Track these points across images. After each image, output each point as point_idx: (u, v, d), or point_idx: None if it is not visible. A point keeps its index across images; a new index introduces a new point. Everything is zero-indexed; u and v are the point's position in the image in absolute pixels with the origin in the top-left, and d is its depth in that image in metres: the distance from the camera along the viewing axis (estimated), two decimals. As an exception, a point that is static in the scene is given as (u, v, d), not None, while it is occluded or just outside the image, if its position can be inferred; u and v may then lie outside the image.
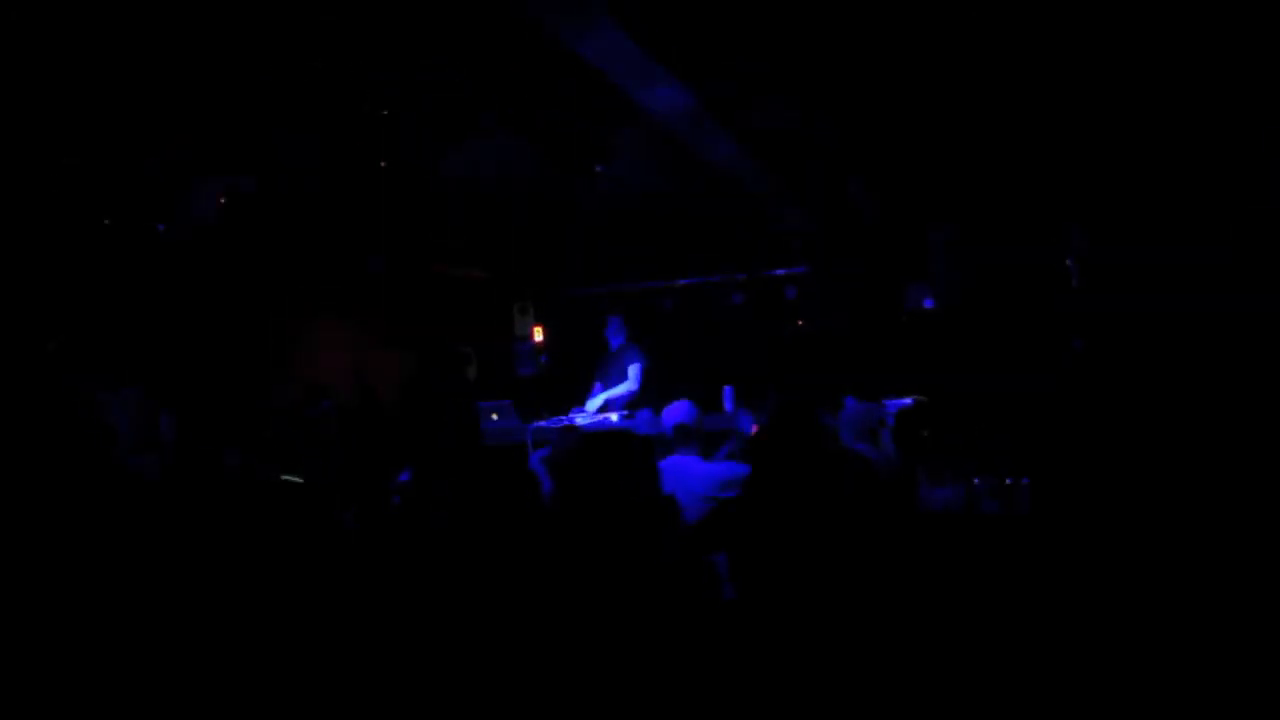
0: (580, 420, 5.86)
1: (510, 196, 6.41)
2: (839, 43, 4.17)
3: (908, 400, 6.23)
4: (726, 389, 6.14)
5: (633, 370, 6.30)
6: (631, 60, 3.94)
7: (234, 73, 4.08)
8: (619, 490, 2.54)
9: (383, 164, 4.77)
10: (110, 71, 3.88)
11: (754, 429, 5.00)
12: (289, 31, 3.79)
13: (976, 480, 4.51)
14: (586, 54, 3.87)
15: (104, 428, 5.25)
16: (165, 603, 2.69)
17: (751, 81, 4.49)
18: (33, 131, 4.23)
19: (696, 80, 4.27)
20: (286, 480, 3.54)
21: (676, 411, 4.24)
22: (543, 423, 6.00)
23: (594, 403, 6.25)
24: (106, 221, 5.30)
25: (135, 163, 4.94)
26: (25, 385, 4.81)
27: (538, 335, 9.14)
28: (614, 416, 6.02)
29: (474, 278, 8.71)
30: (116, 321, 5.87)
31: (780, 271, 8.31)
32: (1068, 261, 5.88)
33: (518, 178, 5.64)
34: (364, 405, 7.51)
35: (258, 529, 3.06)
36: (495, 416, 6.31)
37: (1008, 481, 4.31)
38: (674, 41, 3.99)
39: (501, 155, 5.03)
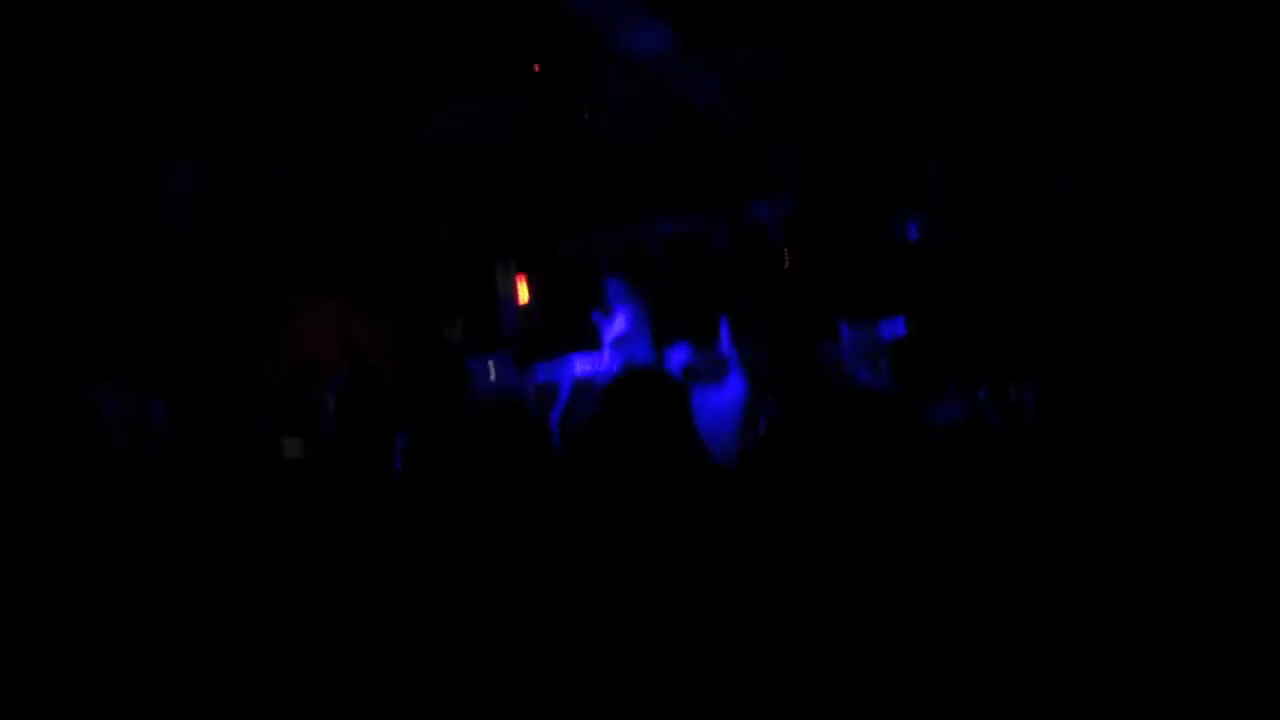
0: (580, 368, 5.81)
1: (492, 153, 6.32)
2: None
3: (900, 322, 6.28)
4: (723, 322, 6.13)
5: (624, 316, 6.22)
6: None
7: (199, 38, 3.97)
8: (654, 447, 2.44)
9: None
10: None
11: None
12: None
13: (981, 394, 4.56)
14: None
15: (95, 421, 5.17)
16: (167, 596, 2.64)
17: (735, 20, 4.43)
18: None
19: (679, 20, 4.21)
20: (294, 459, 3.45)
21: (680, 352, 4.24)
22: (543, 375, 5.97)
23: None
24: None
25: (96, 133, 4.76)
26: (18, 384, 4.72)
27: (523, 294, 9.08)
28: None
29: (457, 238, 8.61)
30: (92, 304, 5.72)
31: (765, 212, 8.28)
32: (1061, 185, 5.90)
33: (499, 132, 5.56)
34: (360, 383, 7.44)
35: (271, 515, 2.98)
36: (492, 370, 6.29)
37: (1012, 395, 4.37)
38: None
39: (482, 109, 4.95)
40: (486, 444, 4.26)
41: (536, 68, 4.41)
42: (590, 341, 6.37)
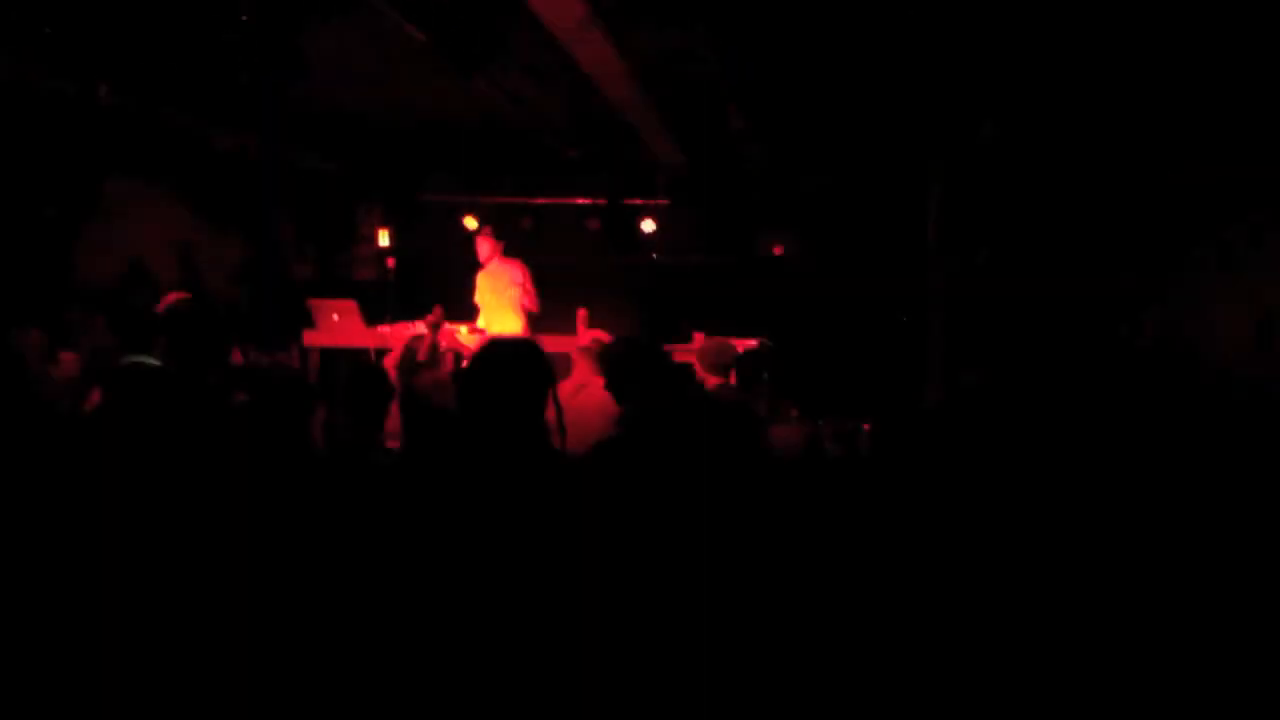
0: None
1: (376, 89, 6.04)
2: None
3: (752, 341, 6.47)
4: (580, 313, 6.09)
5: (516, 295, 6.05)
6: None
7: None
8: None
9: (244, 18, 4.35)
10: None
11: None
12: None
13: (820, 422, 4.75)
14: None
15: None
16: None
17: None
18: None
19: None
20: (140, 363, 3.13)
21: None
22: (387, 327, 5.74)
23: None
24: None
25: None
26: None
27: (383, 239, 8.77)
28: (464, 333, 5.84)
29: (323, 169, 8.21)
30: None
31: (639, 201, 8.31)
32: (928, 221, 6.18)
33: (390, 70, 5.31)
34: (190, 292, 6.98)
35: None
36: (336, 317, 6.01)
37: (849, 427, 4.57)
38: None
39: (379, 45, 4.72)
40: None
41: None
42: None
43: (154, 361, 3.18)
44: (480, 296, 6.20)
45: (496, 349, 2.47)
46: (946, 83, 5.24)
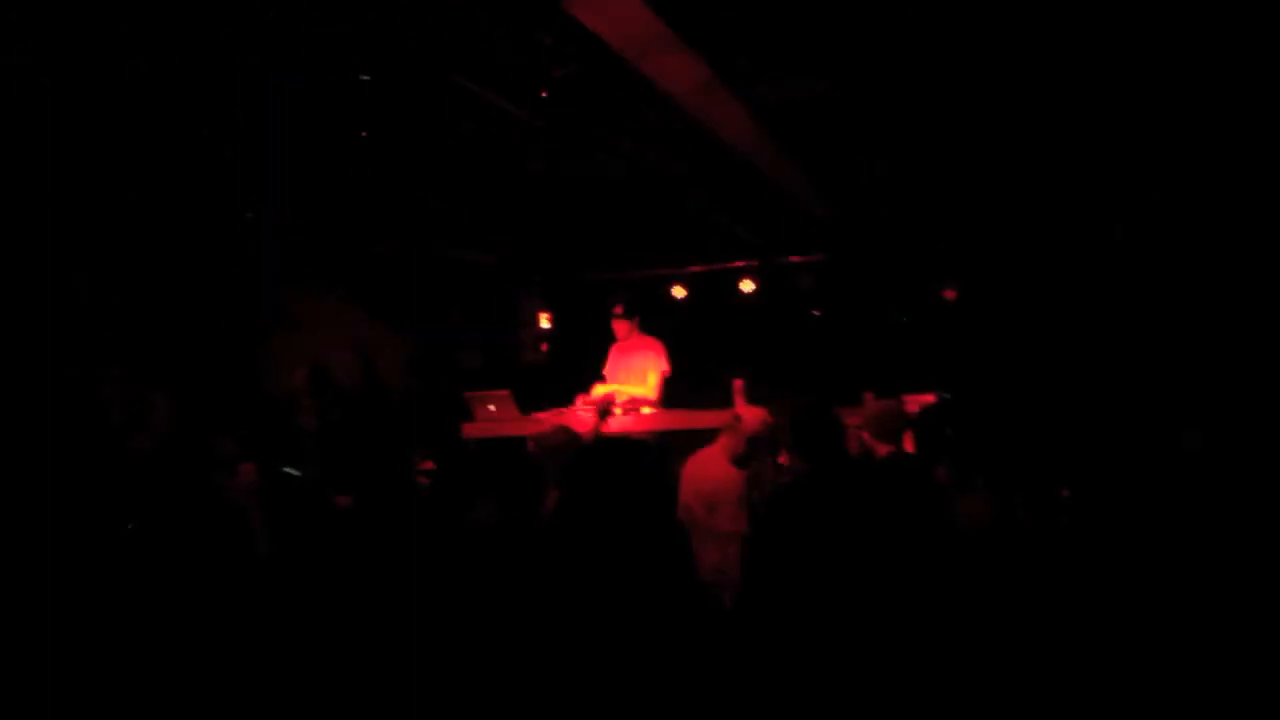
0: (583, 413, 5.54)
1: (521, 176, 6.12)
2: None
3: (929, 396, 5.91)
4: (736, 384, 5.81)
5: (653, 377, 5.92)
6: (641, 27, 3.64)
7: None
8: (624, 507, 2.26)
9: (364, 134, 4.49)
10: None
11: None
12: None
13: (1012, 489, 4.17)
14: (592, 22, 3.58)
15: (94, 406, 5.06)
16: (159, 592, 2.64)
17: (770, 51, 4.19)
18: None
19: (710, 49, 3.97)
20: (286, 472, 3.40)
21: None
22: (544, 414, 5.69)
23: (600, 390, 5.91)
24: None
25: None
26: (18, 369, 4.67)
27: (544, 322, 8.89)
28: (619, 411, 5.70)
29: (483, 261, 8.44)
30: (103, 292, 5.62)
31: (796, 259, 8.01)
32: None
33: (529, 154, 5.36)
34: (370, 393, 7.27)
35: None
36: (492, 408, 6.01)
37: (1046, 494, 4.00)
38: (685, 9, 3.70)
39: (515, 130, 4.76)
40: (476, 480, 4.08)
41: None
42: (598, 381, 6.10)
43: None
44: (610, 370, 6.12)
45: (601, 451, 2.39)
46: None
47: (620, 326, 6.11)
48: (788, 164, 5.63)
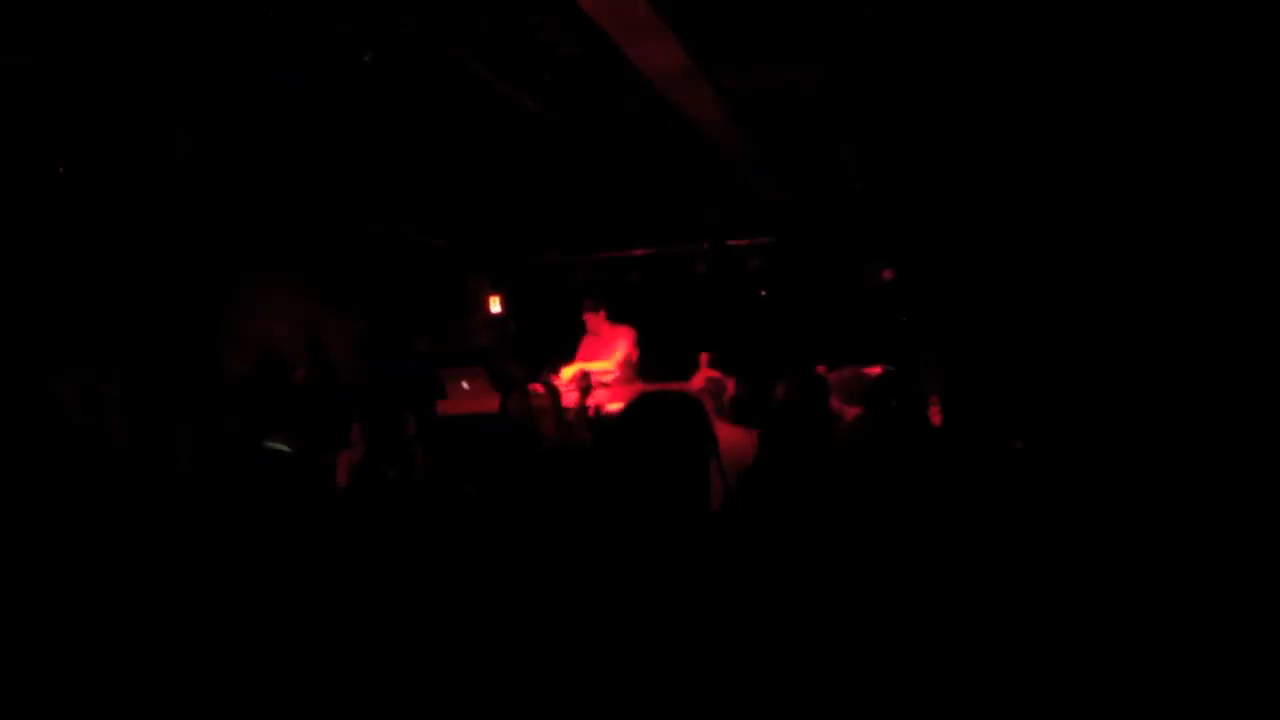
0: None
1: (470, 156, 6.24)
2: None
3: (875, 369, 6.30)
4: (703, 357, 6.09)
5: (619, 354, 6.18)
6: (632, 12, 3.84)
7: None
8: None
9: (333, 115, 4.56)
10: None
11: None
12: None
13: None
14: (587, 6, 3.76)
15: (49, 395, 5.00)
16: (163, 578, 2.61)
17: (746, 39, 4.44)
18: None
19: (692, 38, 4.19)
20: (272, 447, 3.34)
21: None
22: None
23: (567, 372, 6.12)
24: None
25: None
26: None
27: (494, 306, 9.00)
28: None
29: (433, 244, 8.50)
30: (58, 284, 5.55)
31: (745, 241, 8.31)
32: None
33: (479, 134, 5.49)
34: (321, 375, 7.27)
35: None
36: (465, 385, 6.13)
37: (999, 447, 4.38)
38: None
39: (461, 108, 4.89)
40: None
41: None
42: (559, 359, 6.29)
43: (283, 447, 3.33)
44: (583, 357, 6.36)
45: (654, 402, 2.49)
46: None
47: (591, 320, 6.38)
48: (750, 149, 5.89)
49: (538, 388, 5.69)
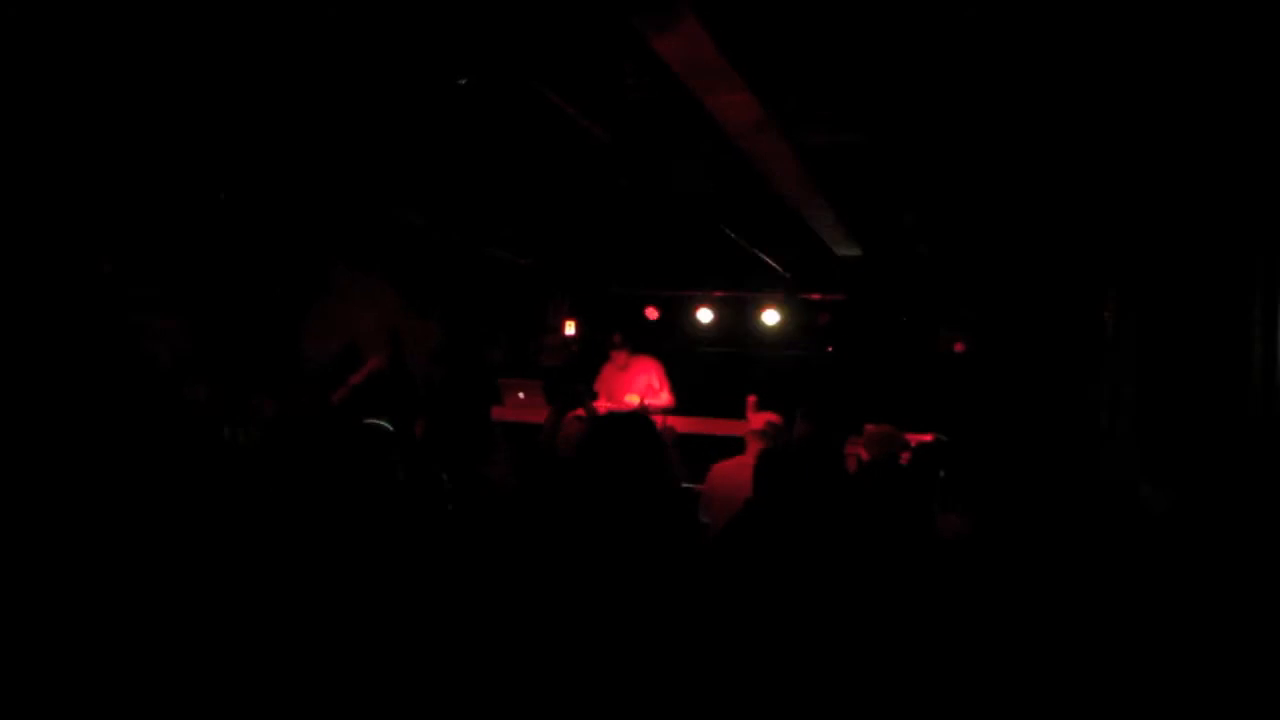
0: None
1: (564, 188, 6.52)
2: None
3: (927, 436, 6.30)
4: (750, 400, 6.21)
5: (663, 391, 6.36)
6: (707, 62, 4.03)
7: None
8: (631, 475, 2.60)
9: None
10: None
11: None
12: None
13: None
14: (664, 51, 3.96)
15: (148, 355, 5.36)
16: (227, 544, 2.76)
17: (819, 95, 4.60)
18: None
19: (766, 91, 4.37)
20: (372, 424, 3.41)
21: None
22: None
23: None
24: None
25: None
26: (73, 305, 4.90)
27: (569, 329, 9.27)
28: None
29: (518, 263, 8.83)
30: (162, 249, 5.90)
31: (817, 296, 8.40)
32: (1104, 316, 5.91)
33: (576, 170, 5.76)
34: (396, 372, 7.58)
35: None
36: (521, 395, 6.40)
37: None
38: (751, 48, 4.08)
39: (569, 146, 5.15)
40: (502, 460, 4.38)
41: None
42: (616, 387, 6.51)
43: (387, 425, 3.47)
44: (603, 386, 6.53)
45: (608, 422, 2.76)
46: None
47: (619, 355, 6.60)
48: (824, 205, 6.02)
49: (580, 412, 5.91)
